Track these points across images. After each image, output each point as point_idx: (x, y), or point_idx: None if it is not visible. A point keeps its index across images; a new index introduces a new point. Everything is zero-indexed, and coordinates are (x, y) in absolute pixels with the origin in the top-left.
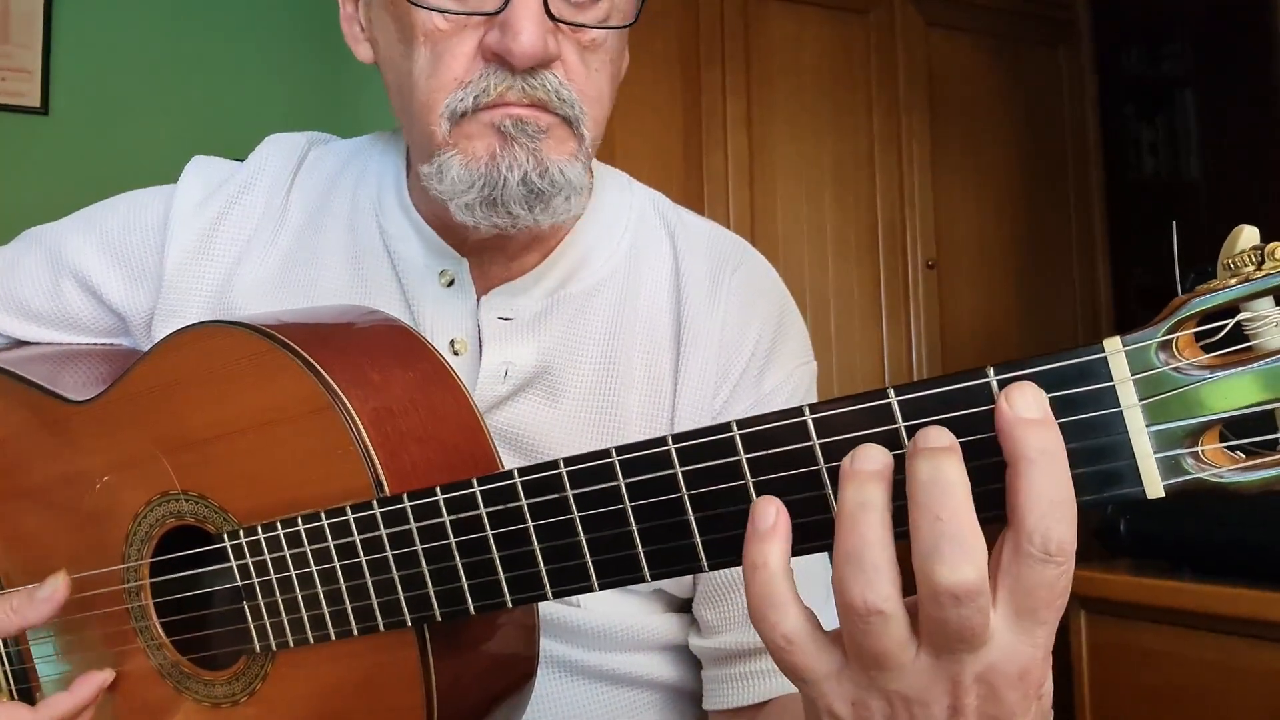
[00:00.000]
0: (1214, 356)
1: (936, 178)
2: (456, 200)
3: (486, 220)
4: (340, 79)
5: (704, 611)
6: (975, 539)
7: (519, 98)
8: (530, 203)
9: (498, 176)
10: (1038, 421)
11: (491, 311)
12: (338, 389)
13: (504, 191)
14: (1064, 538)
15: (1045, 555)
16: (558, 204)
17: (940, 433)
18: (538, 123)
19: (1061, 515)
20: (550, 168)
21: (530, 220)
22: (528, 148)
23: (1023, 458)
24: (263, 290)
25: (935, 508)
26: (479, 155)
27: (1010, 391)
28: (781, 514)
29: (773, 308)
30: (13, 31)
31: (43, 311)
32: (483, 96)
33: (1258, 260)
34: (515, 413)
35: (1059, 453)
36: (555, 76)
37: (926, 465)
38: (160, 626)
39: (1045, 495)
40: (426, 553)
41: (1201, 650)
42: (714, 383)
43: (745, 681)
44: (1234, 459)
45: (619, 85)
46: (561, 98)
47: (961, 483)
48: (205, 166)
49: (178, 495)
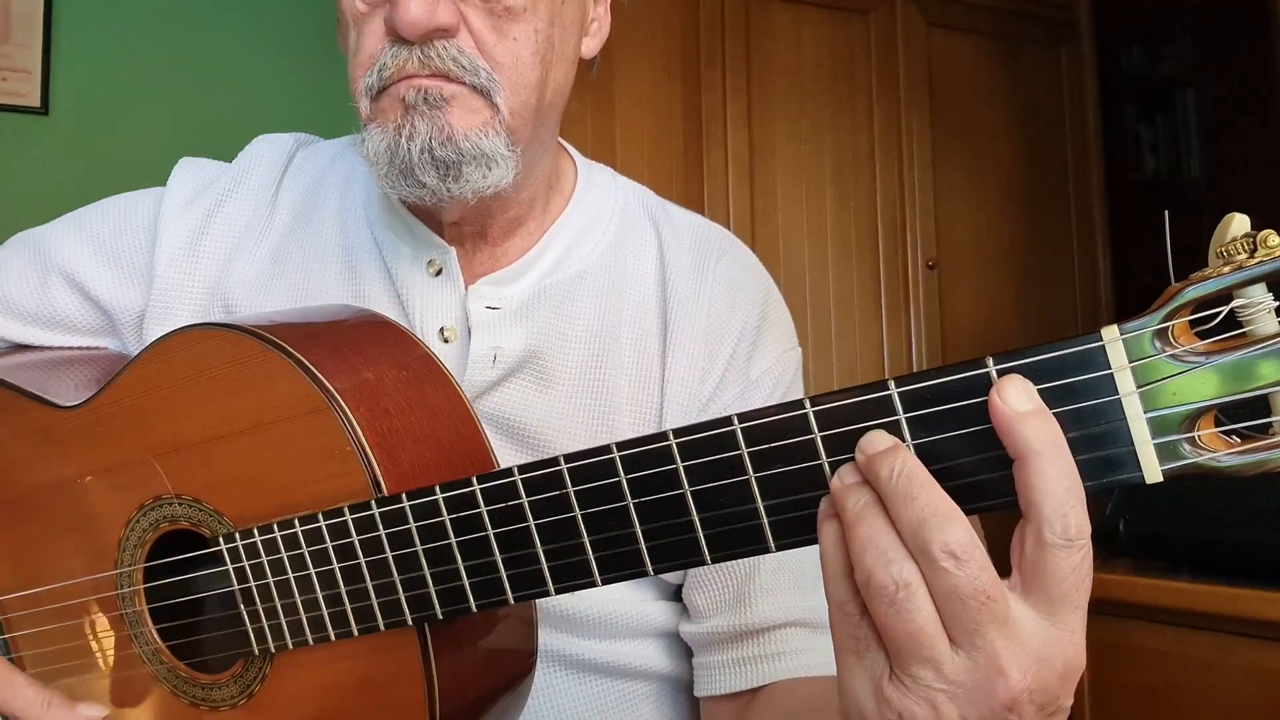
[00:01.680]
0: (1209, 343)
1: (937, 177)
2: (376, 170)
3: (404, 190)
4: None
5: (694, 596)
6: (950, 504)
7: (418, 69)
8: (439, 171)
9: (399, 147)
10: (1034, 413)
11: (479, 301)
12: (332, 389)
13: (409, 160)
14: (1081, 521)
15: (1067, 541)
16: (470, 173)
17: (880, 436)
18: (441, 92)
19: (1076, 499)
20: (456, 136)
21: (444, 190)
22: (428, 116)
23: (1030, 450)
24: (256, 287)
25: (906, 493)
26: (388, 127)
27: (1001, 387)
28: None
29: (757, 295)
30: (13, 31)
31: (30, 310)
32: (385, 70)
33: (1249, 248)
34: (506, 397)
35: (1061, 440)
36: (452, 45)
37: (884, 465)
38: (156, 631)
39: (1058, 483)
40: (427, 553)
41: (1201, 650)
42: (701, 369)
43: (741, 667)
44: (1230, 443)
45: (572, 59)
46: (464, 66)
47: (919, 466)
48: (193, 167)
49: (171, 499)
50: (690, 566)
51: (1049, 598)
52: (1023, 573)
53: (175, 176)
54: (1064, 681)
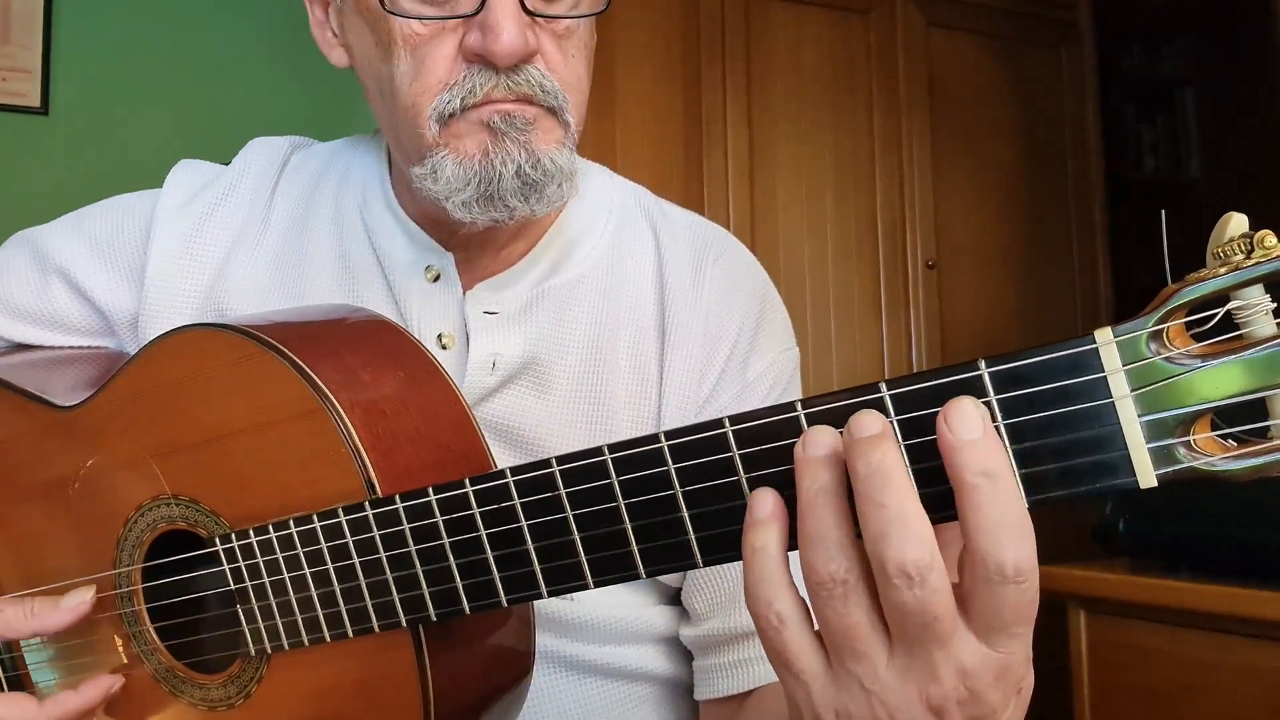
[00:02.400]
0: (1205, 345)
1: (937, 177)
2: (453, 199)
3: (484, 215)
4: (340, 80)
5: (693, 599)
6: (919, 520)
7: (505, 95)
8: (525, 194)
9: (493, 172)
10: (975, 441)
11: (477, 306)
12: (327, 390)
13: (500, 185)
14: (1019, 558)
15: (1002, 579)
16: (550, 192)
17: (871, 419)
18: (524, 115)
19: (1013, 537)
20: (542, 158)
21: (526, 210)
22: (519, 141)
23: (964, 483)
24: (253, 291)
25: (877, 496)
26: (471, 153)
27: (948, 412)
28: (779, 503)
29: (754, 295)
30: (13, 31)
31: (31, 310)
32: (470, 97)
33: (1247, 249)
34: (504, 404)
35: (1001, 471)
36: (538, 70)
37: (862, 458)
38: (154, 631)
39: (992, 518)
40: (420, 553)
41: (1201, 650)
42: (699, 371)
43: (736, 669)
44: (1226, 447)
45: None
46: (545, 89)
47: (898, 467)
48: (189, 169)
49: (168, 500)
50: (682, 569)
51: (986, 625)
52: (959, 597)
53: (171, 179)
54: (1003, 696)
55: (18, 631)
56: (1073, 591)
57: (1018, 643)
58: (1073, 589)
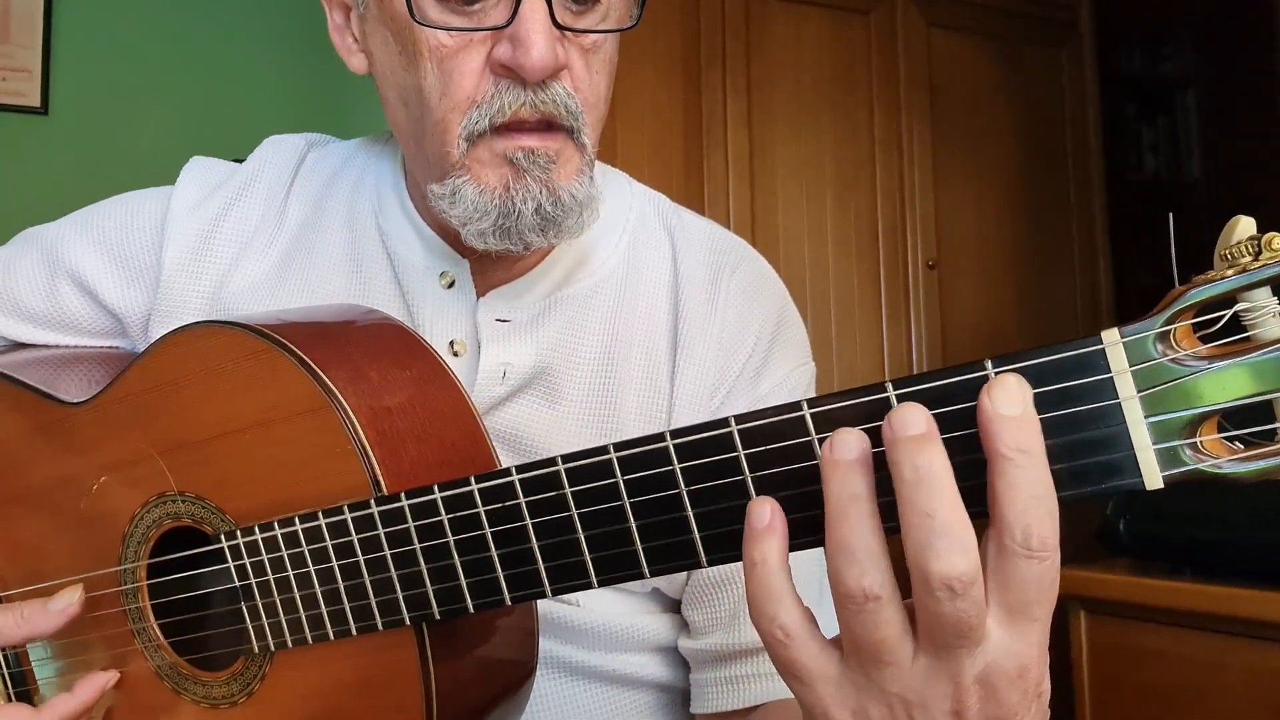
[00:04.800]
0: (1212, 347)
1: (937, 178)
2: (469, 227)
3: (499, 245)
4: (340, 80)
5: (692, 613)
6: (965, 529)
7: (530, 113)
8: (543, 229)
9: (512, 208)
10: (1015, 418)
11: (489, 313)
12: (334, 388)
13: (518, 221)
14: (1045, 533)
15: (1028, 551)
16: (569, 224)
17: (916, 415)
18: (548, 153)
19: (1044, 511)
20: (562, 194)
21: (543, 243)
22: (540, 179)
23: (999, 455)
24: (259, 292)
25: (924, 504)
26: (493, 186)
27: (993, 386)
28: (777, 512)
29: (771, 310)
30: (13, 31)
31: (39, 312)
32: (498, 116)
33: (1254, 251)
34: (514, 414)
35: (1036, 450)
36: (563, 88)
37: (908, 460)
38: (158, 628)
39: (1024, 490)
40: (425, 551)
41: (1201, 650)
42: (711, 384)
43: (733, 685)
44: (1232, 449)
45: None
46: (569, 109)
47: (945, 472)
48: (203, 167)
49: (175, 496)
50: (687, 569)
51: (1007, 605)
52: (985, 578)
53: (185, 176)
54: (1022, 697)
55: (11, 639)
56: (1074, 592)
57: (1038, 629)
58: (1074, 590)
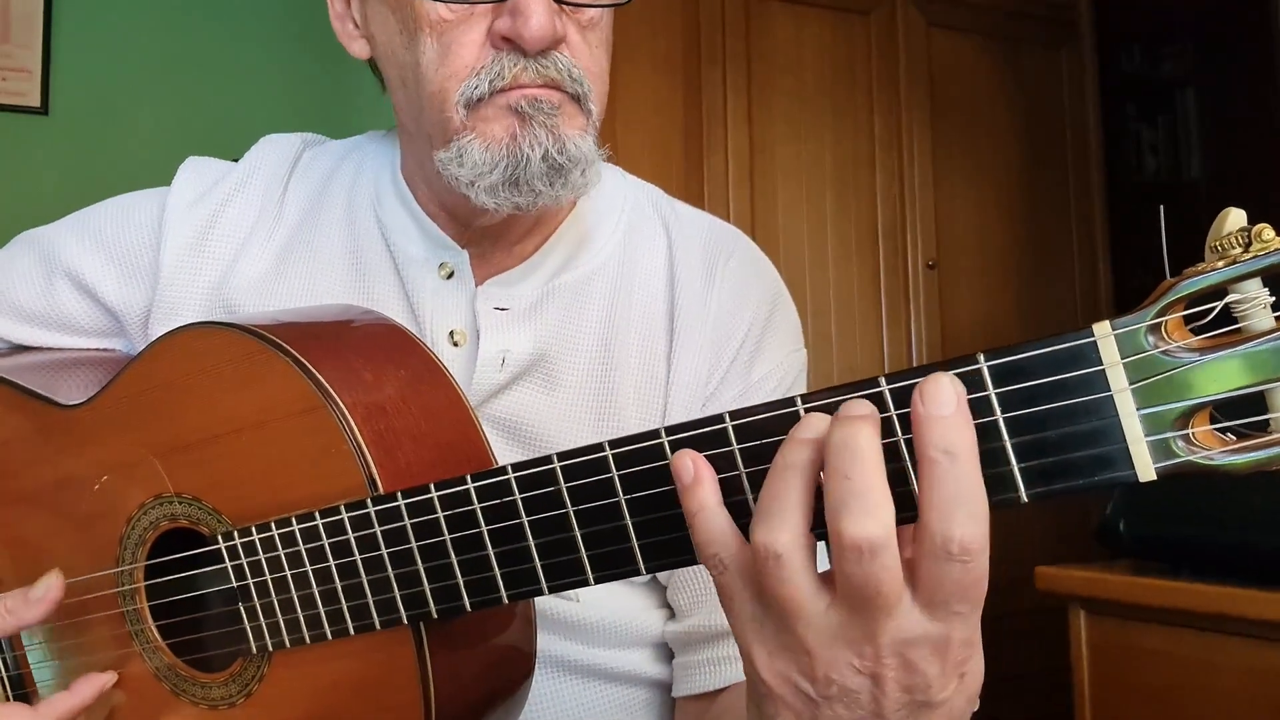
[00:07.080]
0: (1203, 339)
1: (937, 178)
2: (479, 183)
3: (509, 200)
4: (340, 79)
5: (677, 595)
6: (881, 497)
7: (533, 79)
8: (551, 178)
9: (520, 155)
10: (944, 419)
11: (488, 302)
12: (329, 388)
13: (527, 169)
14: (966, 537)
15: (947, 554)
16: (575, 178)
17: (861, 404)
18: (551, 100)
19: (965, 515)
20: (567, 143)
21: (551, 196)
22: (546, 125)
23: (923, 455)
24: (260, 287)
25: (844, 468)
26: (499, 137)
27: (924, 385)
28: (698, 460)
29: (765, 296)
30: (13, 31)
31: (36, 312)
32: (498, 80)
33: (1245, 242)
34: (513, 401)
35: (963, 451)
36: (565, 57)
37: (840, 432)
38: (156, 629)
39: (944, 495)
40: (421, 550)
41: (1201, 650)
42: (706, 370)
43: (711, 667)
44: (1225, 441)
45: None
46: (573, 76)
47: (872, 448)
48: (199, 166)
49: (171, 498)
50: (684, 564)
51: (928, 599)
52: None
53: (181, 176)
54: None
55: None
56: (1074, 592)
57: (960, 621)
58: (1074, 590)
